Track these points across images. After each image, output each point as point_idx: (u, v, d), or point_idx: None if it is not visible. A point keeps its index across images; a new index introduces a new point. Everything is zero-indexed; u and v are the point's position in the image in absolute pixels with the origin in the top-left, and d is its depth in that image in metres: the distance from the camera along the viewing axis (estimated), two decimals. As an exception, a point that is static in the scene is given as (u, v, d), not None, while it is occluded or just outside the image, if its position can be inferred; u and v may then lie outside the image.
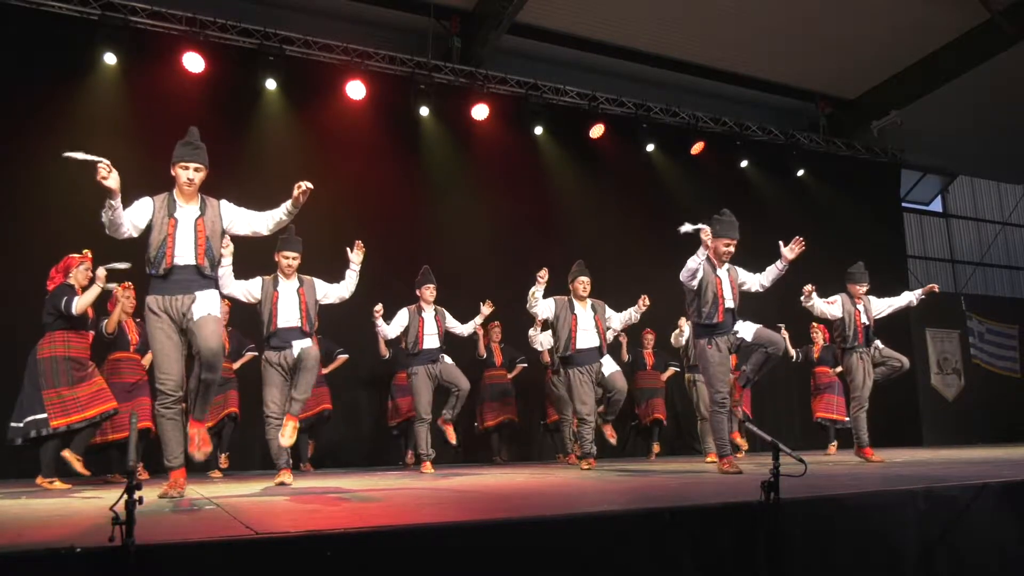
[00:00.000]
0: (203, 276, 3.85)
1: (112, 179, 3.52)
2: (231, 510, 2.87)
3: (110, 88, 7.32)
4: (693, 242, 5.12)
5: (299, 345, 4.94)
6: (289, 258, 5.10)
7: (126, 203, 3.75)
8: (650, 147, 9.79)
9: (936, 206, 13.99)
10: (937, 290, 6.50)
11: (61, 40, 7.13)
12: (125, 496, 1.76)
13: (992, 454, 6.74)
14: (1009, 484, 3.13)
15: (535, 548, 2.24)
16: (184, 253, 3.80)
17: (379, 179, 8.39)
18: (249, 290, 5.04)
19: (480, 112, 8.92)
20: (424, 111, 8.58)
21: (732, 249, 5.25)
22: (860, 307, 6.46)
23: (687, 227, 5.09)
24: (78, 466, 4.97)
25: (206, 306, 3.80)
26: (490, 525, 2.33)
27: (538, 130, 9.23)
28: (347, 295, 5.28)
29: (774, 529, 2.41)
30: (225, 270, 4.67)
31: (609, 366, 6.07)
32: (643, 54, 9.86)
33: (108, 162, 3.51)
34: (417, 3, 8.62)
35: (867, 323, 6.43)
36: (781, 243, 5.28)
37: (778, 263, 5.30)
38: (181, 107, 7.43)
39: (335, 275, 5.35)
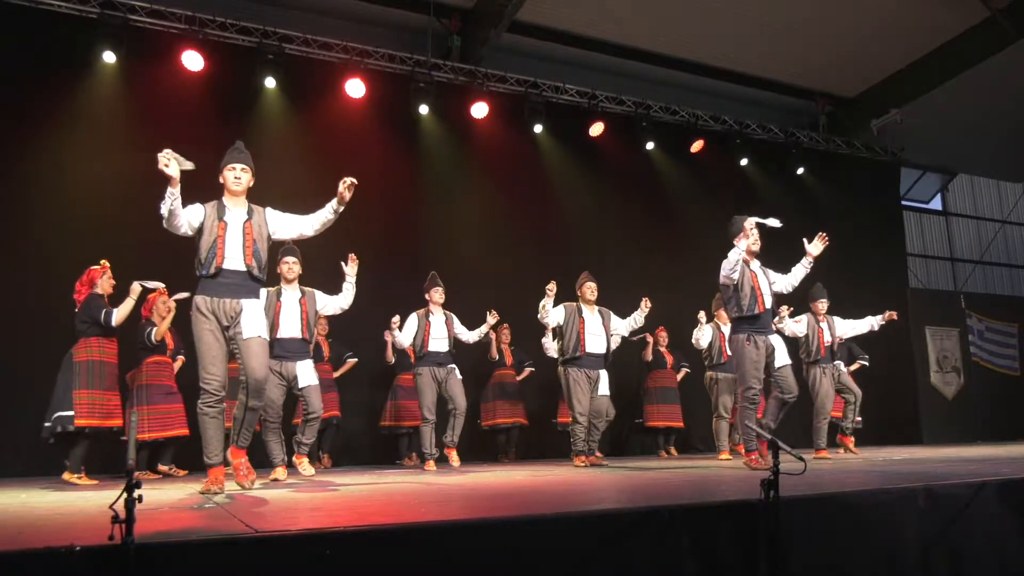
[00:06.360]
0: (251, 279, 3.97)
1: (172, 168, 3.60)
2: (231, 508, 2.87)
3: (109, 87, 7.29)
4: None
5: (306, 379, 5.18)
6: (289, 263, 5.30)
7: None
8: (650, 145, 9.76)
9: (936, 204, 13.99)
10: (896, 317, 7.04)
11: (60, 38, 7.10)
12: (125, 494, 1.75)
13: (992, 452, 6.74)
14: (1008, 482, 3.14)
15: (535, 547, 2.24)
16: (233, 255, 3.91)
17: (379, 178, 8.36)
18: None
19: (480, 110, 8.91)
20: (424, 109, 8.56)
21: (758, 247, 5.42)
22: (823, 325, 7.07)
23: (772, 221, 5.26)
24: (81, 481, 5.11)
25: (254, 325, 3.91)
26: (490, 523, 2.32)
27: (538, 128, 9.21)
28: (346, 306, 5.44)
29: (774, 527, 2.41)
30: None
31: (605, 388, 6.23)
32: (643, 52, 9.84)
33: (170, 152, 3.59)
34: (417, 1, 8.60)
35: (829, 340, 7.01)
36: (805, 240, 5.35)
37: (804, 261, 5.38)
38: (180, 106, 7.43)
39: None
